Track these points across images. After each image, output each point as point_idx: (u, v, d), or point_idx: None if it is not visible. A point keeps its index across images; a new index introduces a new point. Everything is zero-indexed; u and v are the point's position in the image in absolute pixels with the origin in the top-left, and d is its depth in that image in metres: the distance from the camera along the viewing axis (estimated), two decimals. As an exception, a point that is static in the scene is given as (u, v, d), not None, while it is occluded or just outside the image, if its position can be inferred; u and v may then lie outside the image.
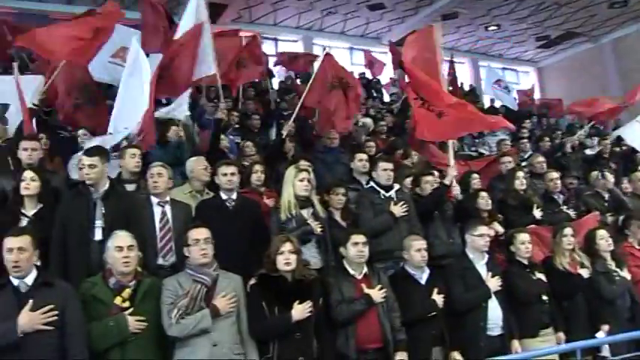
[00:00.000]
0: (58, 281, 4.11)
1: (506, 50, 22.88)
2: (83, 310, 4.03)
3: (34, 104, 7.03)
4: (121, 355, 4.03)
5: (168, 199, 5.31)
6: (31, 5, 16.55)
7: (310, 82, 8.48)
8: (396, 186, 6.16)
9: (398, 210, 5.82)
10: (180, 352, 4.18)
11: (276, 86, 15.03)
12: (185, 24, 7.56)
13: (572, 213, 7.05)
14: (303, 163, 5.94)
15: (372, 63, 17.89)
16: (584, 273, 5.66)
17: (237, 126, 9.66)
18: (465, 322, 5.15)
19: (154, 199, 5.26)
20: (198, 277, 4.27)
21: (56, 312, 3.83)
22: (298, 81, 15.20)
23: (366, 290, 4.80)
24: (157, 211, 5.20)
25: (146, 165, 5.65)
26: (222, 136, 7.78)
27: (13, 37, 10.23)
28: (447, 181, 6.47)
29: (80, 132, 7.41)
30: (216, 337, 4.18)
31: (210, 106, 9.33)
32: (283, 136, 7.80)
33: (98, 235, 4.74)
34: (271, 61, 15.92)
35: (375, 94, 16.49)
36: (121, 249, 4.19)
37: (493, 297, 5.20)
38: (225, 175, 5.40)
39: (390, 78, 17.98)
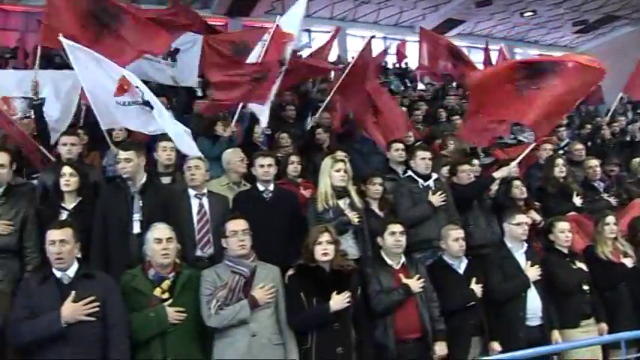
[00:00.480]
0: (99, 273, 4.18)
1: (543, 36, 22.49)
2: (124, 301, 4.08)
3: None
4: (161, 346, 4.07)
5: (205, 191, 5.34)
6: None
7: (347, 71, 8.42)
8: (434, 175, 6.11)
9: (436, 199, 5.77)
10: (219, 343, 4.21)
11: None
12: None
13: (613, 201, 6.92)
14: (340, 154, 5.91)
15: (402, 54, 17.71)
16: (628, 262, 5.53)
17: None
18: (504, 312, 5.09)
19: (192, 192, 5.29)
20: (236, 269, 4.28)
21: (98, 303, 3.88)
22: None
23: (404, 280, 4.78)
24: (195, 203, 5.24)
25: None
26: (257, 129, 7.79)
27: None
28: (497, 175, 6.41)
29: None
30: (255, 327, 4.19)
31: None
32: (308, 127, 7.79)
33: (137, 228, 4.81)
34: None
35: (409, 84, 16.34)
36: (159, 241, 4.22)
37: (532, 287, 5.12)
38: (262, 166, 5.41)
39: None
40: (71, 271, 4.00)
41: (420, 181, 5.98)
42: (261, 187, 5.42)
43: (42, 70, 7.47)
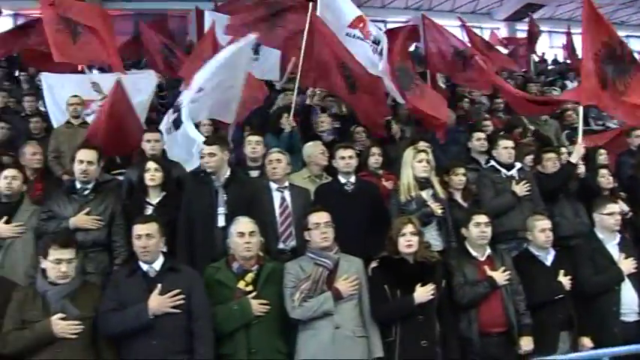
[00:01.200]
0: (184, 267, 4.26)
1: (630, 16, 21.55)
2: (208, 294, 4.15)
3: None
4: (245, 338, 4.11)
5: (287, 184, 5.38)
6: (150, 5, 17.14)
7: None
8: (518, 164, 5.96)
9: (520, 189, 5.63)
10: (302, 335, 4.22)
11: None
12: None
13: None
14: (422, 144, 5.85)
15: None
16: None
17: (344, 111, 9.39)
18: (596, 306, 4.90)
19: (273, 185, 5.34)
20: (319, 261, 4.28)
21: (183, 296, 3.96)
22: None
23: (489, 272, 4.67)
24: (277, 196, 5.28)
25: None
26: (324, 118, 7.79)
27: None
28: (573, 159, 6.19)
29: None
30: (339, 319, 4.18)
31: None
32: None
33: (221, 221, 4.87)
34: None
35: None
36: (242, 235, 4.26)
37: (627, 280, 4.91)
38: (344, 158, 5.40)
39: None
40: (157, 265, 4.09)
41: (503, 170, 5.86)
42: (342, 180, 5.41)
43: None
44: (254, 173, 5.83)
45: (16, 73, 11.79)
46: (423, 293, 4.26)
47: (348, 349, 4.15)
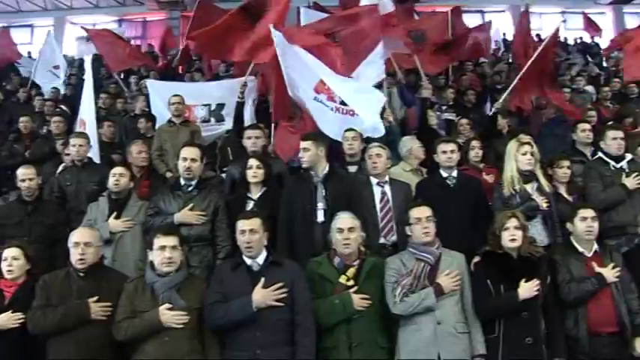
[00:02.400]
0: (287, 261, 4.31)
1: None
2: (310, 288, 4.19)
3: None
4: (346, 332, 4.12)
5: (387, 178, 5.37)
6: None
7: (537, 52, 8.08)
8: (628, 156, 5.68)
9: (631, 182, 5.37)
10: (404, 330, 4.19)
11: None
12: None
13: None
14: (525, 137, 5.65)
15: (590, 25, 16.70)
16: None
17: (451, 103, 9.34)
18: None
19: (374, 180, 5.34)
20: (421, 256, 4.24)
21: (286, 289, 4.01)
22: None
23: (597, 269, 4.46)
24: (377, 191, 5.29)
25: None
26: (431, 113, 7.69)
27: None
28: None
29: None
30: (441, 315, 4.13)
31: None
32: (490, 113, 7.54)
33: (320, 216, 4.90)
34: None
35: (590, 60, 15.36)
36: (341, 231, 4.27)
37: None
38: (445, 152, 5.33)
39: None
40: (260, 259, 4.16)
41: (612, 162, 5.60)
42: (444, 174, 5.34)
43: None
44: (352, 168, 5.83)
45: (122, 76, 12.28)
46: (527, 289, 4.14)
47: (449, 346, 4.09)
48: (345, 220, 4.34)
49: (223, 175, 6.58)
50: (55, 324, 4.09)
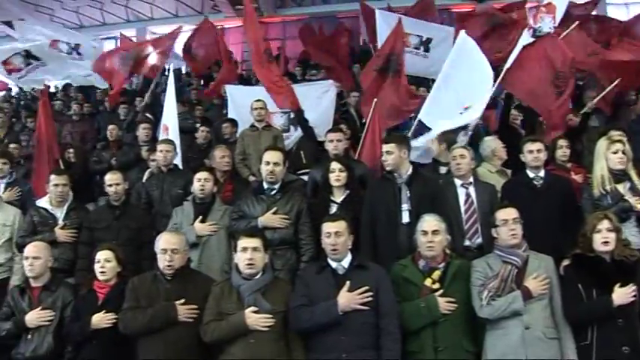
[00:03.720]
0: (372, 264, 4.28)
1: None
2: (395, 291, 4.14)
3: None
4: (431, 336, 4.07)
5: (471, 180, 5.28)
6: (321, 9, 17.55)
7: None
8: None
9: None
10: (490, 334, 4.09)
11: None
12: None
13: None
14: (616, 134, 5.46)
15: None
16: None
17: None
18: None
19: (458, 181, 5.27)
20: (508, 258, 4.14)
21: (371, 293, 3.98)
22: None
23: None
24: (461, 192, 5.21)
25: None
26: (516, 112, 7.53)
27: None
28: None
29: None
30: (528, 319, 4.00)
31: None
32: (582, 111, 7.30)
33: (405, 218, 4.86)
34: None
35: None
36: (425, 233, 4.23)
37: None
38: (532, 152, 5.20)
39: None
40: (345, 262, 4.15)
41: None
42: (530, 174, 5.21)
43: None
44: (443, 169, 5.80)
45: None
46: (622, 295, 3.94)
47: (538, 351, 3.96)
48: (429, 222, 4.29)
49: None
50: (145, 325, 4.20)
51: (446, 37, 9.67)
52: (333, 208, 5.16)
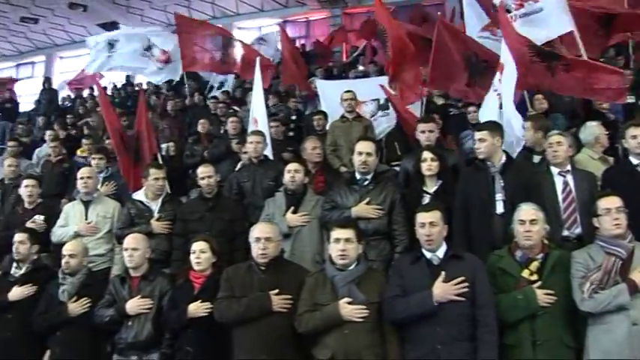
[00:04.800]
0: (467, 254, 4.20)
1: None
2: (491, 282, 4.05)
3: None
4: (530, 329, 3.95)
5: (569, 168, 5.10)
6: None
7: None
8: None
9: None
10: (593, 329, 3.93)
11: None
12: None
13: None
14: None
15: None
16: None
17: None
18: None
19: (554, 170, 5.09)
20: (611, 249, 3.96)
21: (467, 284, 3.91)
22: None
23: None
24: (559, 181, 5.03)
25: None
26: None
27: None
28: None
29: (470, 108, 7.65)
30: (636, 315, 3.79)
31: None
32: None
33: (500, 207, 4.76)
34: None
35: None
36: (523, 222, 4.12)
37: None
38: (635, 137, 4.95)
39: None
40: (440, 252, 4.10)
41: None
42: (634, 161, 4.96)
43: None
44: (537, 158, 5.64)
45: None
46: None
47: (647, 349, 3.77)
48: (527, 211, 4.17)
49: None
50: (239, 314, 4.27)
51: None
52: (426, 199, 5.08)
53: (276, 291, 4.27)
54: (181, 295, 4.68)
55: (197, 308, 4.50)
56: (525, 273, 4.06)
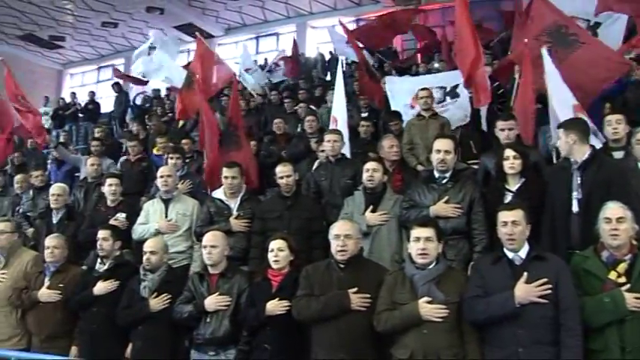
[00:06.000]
0: (551, 255, 4.08)
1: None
2: (576, 284, 3.92)
3: None
4: (617, 334, 3.79)
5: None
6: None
7: None
8: None
9: None
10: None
11: None
12: None
13: None
14: None
15: None
16: None
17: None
18: None
19: (642, 165, 4.89)
20: None
21: (550, 286, 3.80)
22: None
23: None
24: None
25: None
26: None
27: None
28: None
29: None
30: None
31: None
32: None
33: (575, 206, 4.62)
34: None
35: None
36: (608, 221, 3.97)
37: None
38: None
39: None
40: (523, 253, 4.01)
41: None
42: None
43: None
44: (618, 154, 5.43)
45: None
46: None
47: None
48: (613, 209, 4.01)
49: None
50: (318, 312, 4.28)
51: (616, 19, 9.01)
52: (508, 197, 4.97)
53: (355, 289, 4.25)
54: (259, 293, 4.71)
55: (275, 306, 4.52)
56: (612, 275, 3.90)
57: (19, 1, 18.78)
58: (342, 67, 8.72)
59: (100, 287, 5.27)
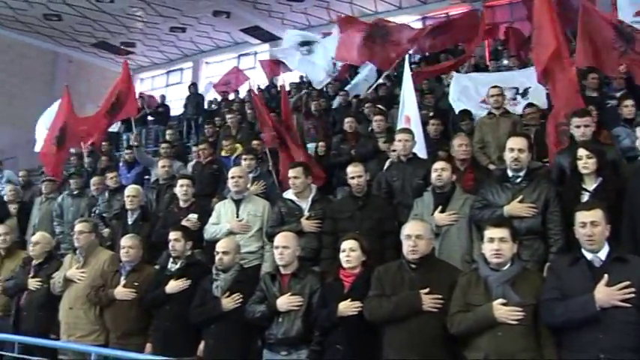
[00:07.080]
0: (632, 257, 3.91)
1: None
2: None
3: None
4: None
5: None
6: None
7: None
8: None
9: None
10: None
11: None
12: None
13: None
14: None
15: None
16: None
17: None
18: None
19: None
20: None
21: (633, 289, 3.63)
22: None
23: None
24: None
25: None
26: None
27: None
28: None
29: (627, 102, 7.19)
30: None
31: None
32: None
33: None
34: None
35: None
36: None
37: None
38: None
39: None
40: (602, 254, 3.86)
41: None
42: None
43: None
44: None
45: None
46: None
47: None
48: None
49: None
50: (389, 313, 4.25)
51: None
52: (585, 197, 4.82)
53: (427, 290, 4.20)
54: (331, 294, 4.71)
55: (347, 307, 4.50)
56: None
57: (93, 10, 19.42)
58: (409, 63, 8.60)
59: (172, 286, 5.37)
